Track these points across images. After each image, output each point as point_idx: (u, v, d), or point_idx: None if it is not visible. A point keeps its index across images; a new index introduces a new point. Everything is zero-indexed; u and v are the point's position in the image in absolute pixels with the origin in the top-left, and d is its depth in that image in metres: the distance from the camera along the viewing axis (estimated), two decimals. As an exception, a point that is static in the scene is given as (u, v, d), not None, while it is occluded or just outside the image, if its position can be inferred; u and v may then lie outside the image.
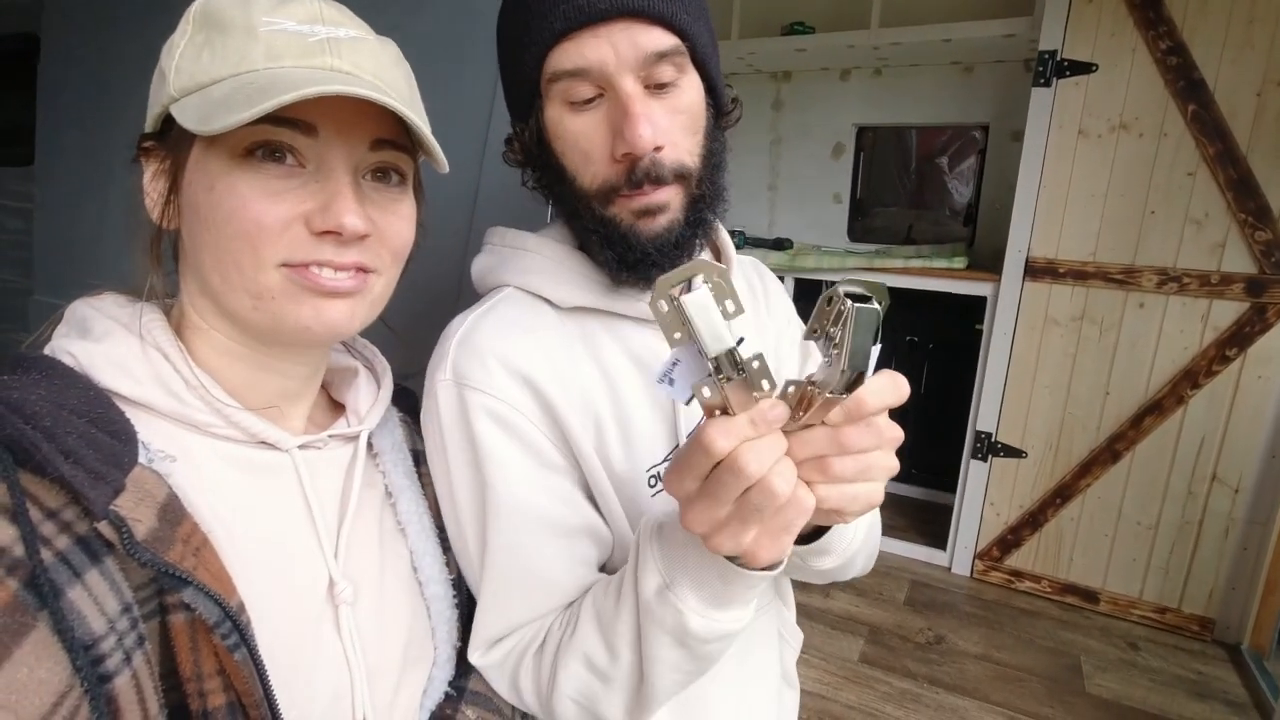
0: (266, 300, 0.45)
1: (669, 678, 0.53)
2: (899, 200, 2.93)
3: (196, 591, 0.38)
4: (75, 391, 0.40)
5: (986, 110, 2.58)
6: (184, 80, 0.44)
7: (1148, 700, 1.79)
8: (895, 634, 2.03)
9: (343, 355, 0.61)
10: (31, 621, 0.33)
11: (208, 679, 0.40)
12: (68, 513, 0.36)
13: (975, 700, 1.76)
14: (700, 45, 0.57)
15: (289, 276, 0.45)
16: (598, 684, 0.55)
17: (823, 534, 0.55)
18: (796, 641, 0.84)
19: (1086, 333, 2.10)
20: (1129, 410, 2.08)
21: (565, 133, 0.57)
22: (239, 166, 0.43)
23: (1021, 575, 2.28)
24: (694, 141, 0.58)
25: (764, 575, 0.47)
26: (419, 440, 0.64)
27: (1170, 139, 1.93)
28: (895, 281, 2.33)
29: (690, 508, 0.41)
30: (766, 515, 0.40)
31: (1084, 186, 2.05)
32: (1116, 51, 1.95)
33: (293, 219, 0.44)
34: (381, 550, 0.55)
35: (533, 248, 0.64)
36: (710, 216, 0.61)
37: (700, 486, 0.40)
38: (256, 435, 0.48)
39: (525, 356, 0.59)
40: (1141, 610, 2.13)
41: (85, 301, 0.48)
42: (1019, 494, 2.26)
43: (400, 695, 0.54)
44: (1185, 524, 2.05)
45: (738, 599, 0.49)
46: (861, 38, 2.41)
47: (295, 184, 0.44)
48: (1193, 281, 1.96)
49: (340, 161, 0.46)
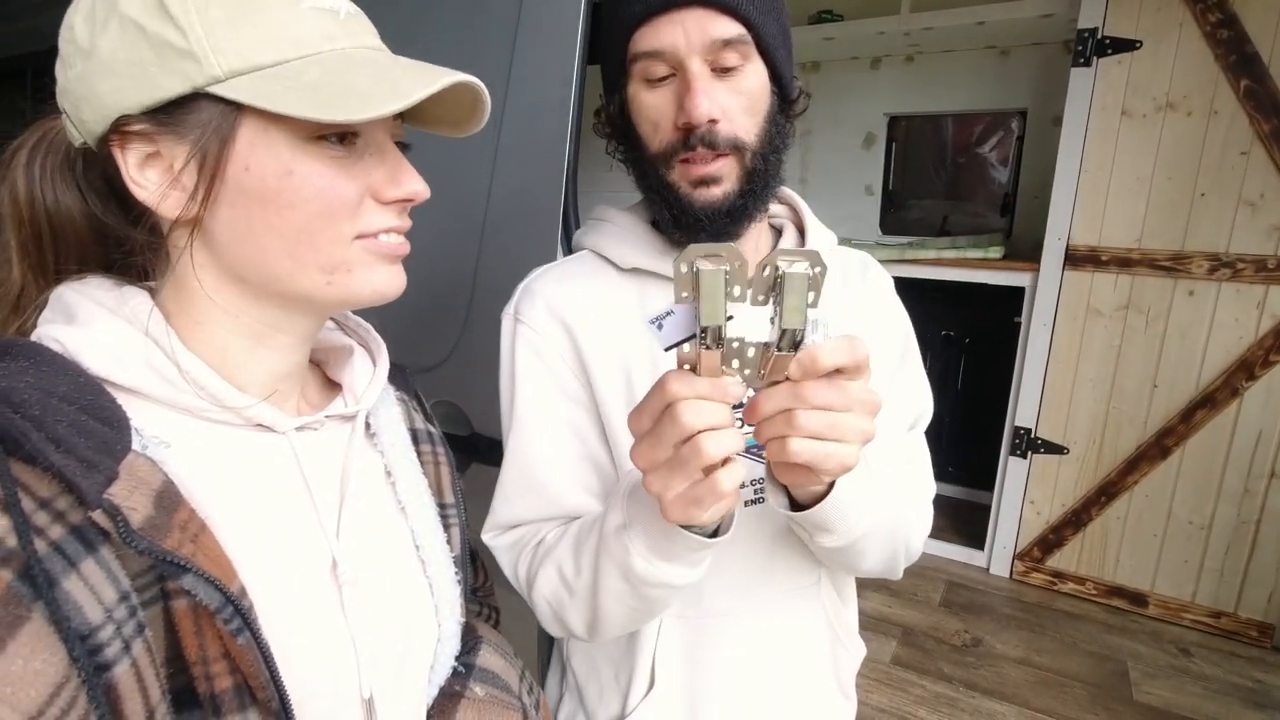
0: (342, 274, 0.47)
1: (616, 605, 0.61)
2: (933, 191, 2.85)
3: (196, 578, 0.38)
4: (65, 378, 0.40)
5: (1024, 95, 2.49)
6: (232, 61, 0.41)
7: (1201, 709, 1.69)
8: (930, 636, 1.97)
9: (337, 334, 0.60)
10: (26, 613, 0.32)
11: (213, 662, 0.40)
12: (61, 502, 0.36)
13: (1014, 706, 1.69)
14: (767, 35, 0.62)
15: (364, 247, 0.47)
16: (564, 592, 0.64)
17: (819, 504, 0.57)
18: (857, 650, 0.82)
19: (1132, 323, 2.01)
20: (1179, 404, 1.98)
21: (641, 106, 0.65)
22: (313, 147, 0.44)
23: (1064, 577, 2.19)
24: (753, 121, 0.64)
25: (701, 540, 0.53)
26: (416, 419, 0.64)
27: (1221, 117, 1.83)
28: (929, 274, 2.27)
29: (638, 444, 0.47)
30: (690, 472, 0.45)
31: (1128, 170, 1.96)
32: (1162, 26, 1.86)
33: (364, 193, 0.47)
34: (382, 530, 0.56)
35: (609, 218, 0.76)
36: (765, 193, 0.67)
37: (651, 427, 0.46)
38: (252, 418, 0.47)
39: (567, 301, 0.70)
40: (1194, 614, 2.03)
41: (69, 286, 0.47)
42: (1061, 492, 2.17)
43: (406, 672, 0.54)
44: (1241, 524, 1.95)
45: (679, 557, 0.56)
46: (892, 24, 2.35)
47: (354, 158, 0.46)
48: (1247, 267, 1.85)
49: (384, 134, 0.48)
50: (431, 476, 0.62)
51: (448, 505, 0.63)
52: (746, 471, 0.70)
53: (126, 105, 0.42)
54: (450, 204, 1.21)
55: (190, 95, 0.41)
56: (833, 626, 0.78)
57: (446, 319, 1.19)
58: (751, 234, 0.70)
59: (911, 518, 0.69)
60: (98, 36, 0.42)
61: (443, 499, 0.62)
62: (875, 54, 2.69)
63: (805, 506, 0.57)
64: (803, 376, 0.45)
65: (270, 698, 0.41)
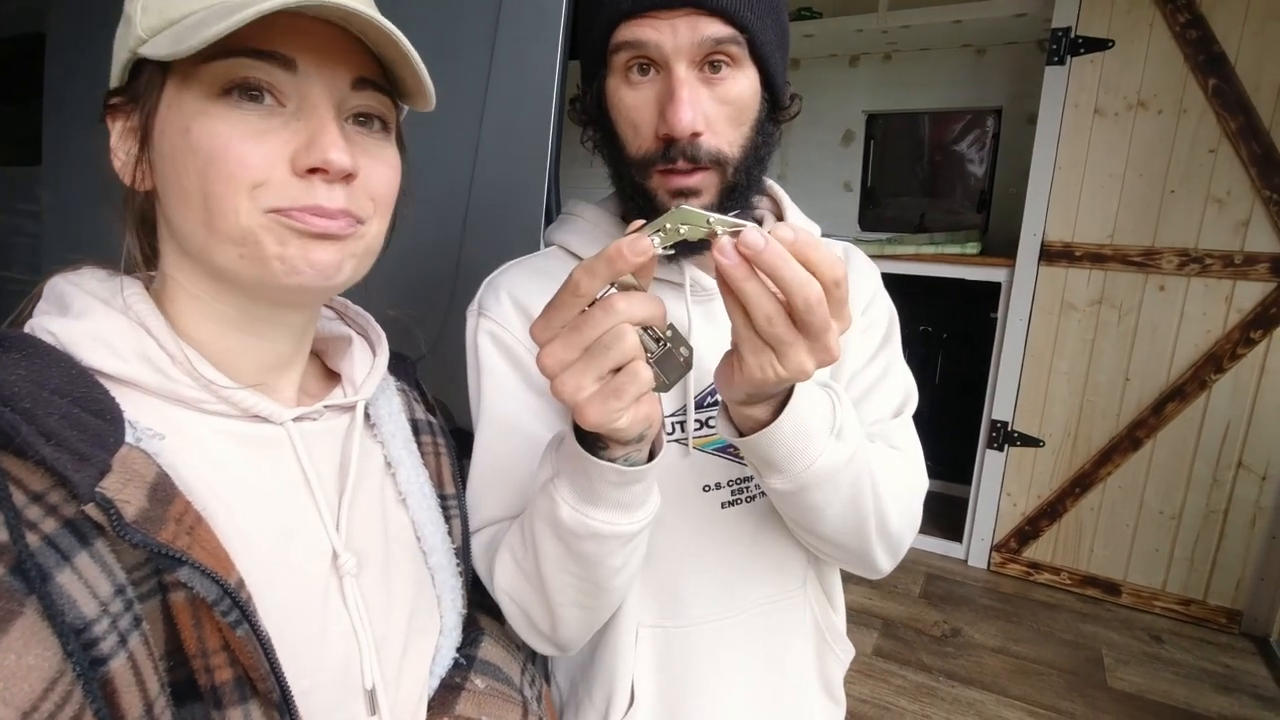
0: (252, 246, 0.43)
1: (558, 577, 0.57)
2: (910, 188, 2.88)
3: (192, 570, 0.38)
4: (57, 371, 0.39)
5: (1000, 93, 2.53)
6: (152, 19, 0.42)
7: (1172, 694, 1.73)
8: (910, 627, 1.99)
9: (336, 323, 0.59)
10: (18, 608, 0.32)
11: (213, 655, 0.39)
12: (54, 495, 0.36)
13: (993, 694, 1.72)
14: (761, 39, 0.59)
15: (277, 219, 0.43)
16: (519, 579, 0.60)
17: None
18: (845, 653, 0.80)
19: (1105, 317, 2.05)
20: (1150, 396, 2.02)
21: (620, 103, 0.61)
22: (216, 106, 0.41)
23: (1040, 567, 2.23)
24: (738, 133, 0.61)
25: (621, 470, 0.49)
26: (417, 409, 0.64)
27: (1190, 115, 1.88)
28: (907, 270, 2.29)
29: (548, 347, 0.43)
30: (605, 364, 0.42)
31: (1101, 167, 2.00)
32: (1133, 26, 1.90)
33: (277, 160, 0.42)
34: (384, 521, 0.55)
35: (579, 213, 0.73)
36: (744, 204, 0.64)
37: (564, 333, 0.43)
38: (248, 410, 0.47)
39: (532, 295, 0.68)
40: (1165, 602, 2.07)
41: (63, 277, 0.46)
42: (1037, 484, 2.21)
43: (408, 664, 0.54)
44: (1210, 513, 2.00)
45: (604, 497, 0.51)
46: (870, 21, 2.37)
47: (277, 123, 0.43)
48: (1215, 262, 1.90)
49: (322, 99, 0.44)
50: (432, 467, 0.61)
51: (448, 496, 0.62)
52: (723, 471, 0.69)
53: (111, 81, 0.45)
54: (432, 195, 1.20)
55: (137, 63, 0.43)
56: (820, 631, 0.76)
57: (428, 312, 1.18)
58: None
59: (887, 490, 0.62)
60: (121, 26, 0.45)
61: (443, 490, 0.62)
62: (853, 51, 2.72)
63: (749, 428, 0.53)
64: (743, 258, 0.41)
65: (271, 689, 0.40)
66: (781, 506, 0.63)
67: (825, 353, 0.43)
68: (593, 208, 0.73)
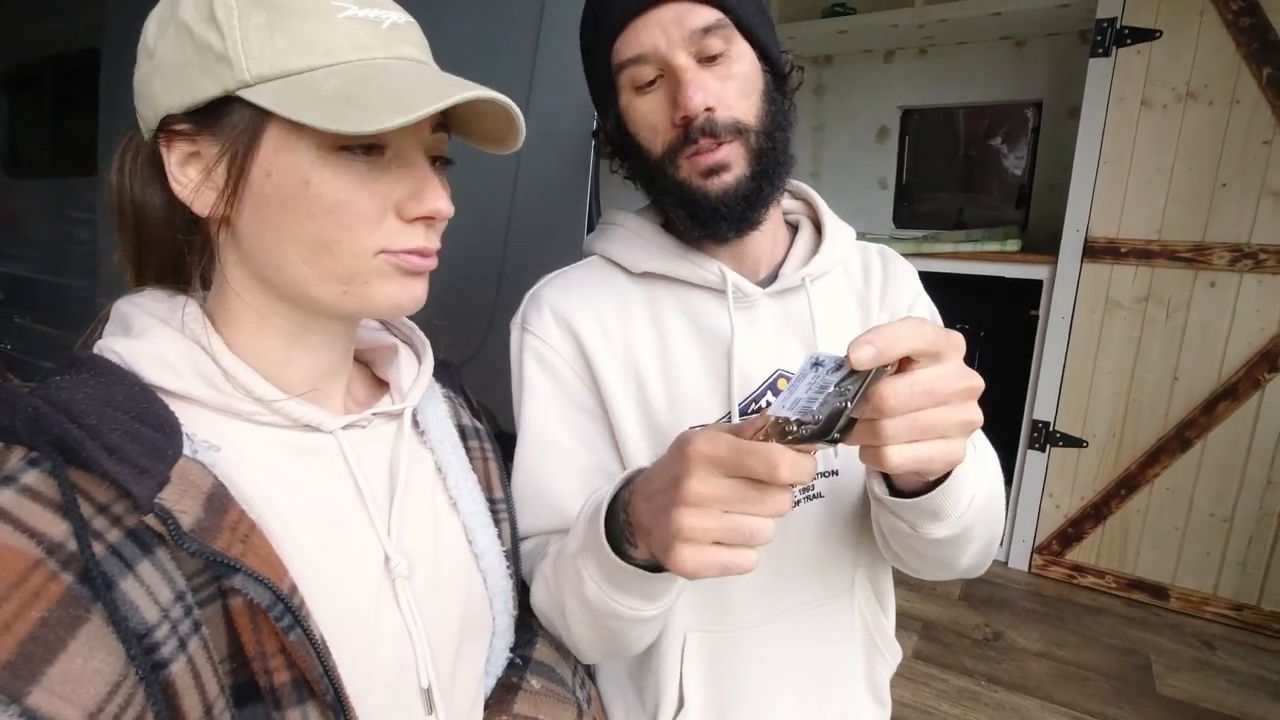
0: (359, 285, 0.47)
1: (580, 631, 0.59)
2: (947, 184, 2.83)
3: (246, 577, 0.39)
4: (121, 388, 0.41)
5: (1040, 86, 2.47)
6: (261, 66, 0.42)
7: (1225, 702, 1.68)
8: (950, 630, 1.96)
9: (381, 333, 0.61)
10: (85, 614, 0.34)
11: (271, 658, 0.41)
12: (118, 506, 0.37)
13: (1037, 699, 1.69)
14: (745, 16, 0.62)
15: (386, 260, 0.47)
16: (549, 607, 0.62)
17: (933, 489, 0.52)
18: (894, 656, 0.79)
19: (1152, 315, 2.00)
20: (1200, 396, 1.96)
21: (635, 114, 0.65)
22: (333, 158, 0.44)
23: (1084, 570, 2.19)
24: (749, 103, 0.63)
25: (639, 573, 0.51)
26: (464, 415, 0.65)
27: (1243, 106, 1.82)
28: (945, 267, 2.26)
29: (699, 513, 0.43)
30: (741, 540, 0.43)
31: (1148, 161, 1.94)
32: (1182, 15, 1.84)
33: (386, 207, 0.46)
34: (434, 525, 0.56)
35: (619, 221, 0.74)
36: (777, 173, 0.65)
37: (721, 510, 0.43)
38: (299, 420, 0.48)
39: (575, 309, 0.70)
40: (1216, 607, 2.02)
41: (127, 300, 0.49)
42: (1080, 485, 2.16)
43: (462, 665, 0.55)
44: (1264, 515, 1.93)
45: (628, 587, 0.53)
46: (905, 16, 2.33)
47: (378, 171, 0.46)
48: (1270, 258, 1.84)
49: (415, 147, 0.48)
50: (480, 472, 0.63)
51: (497, 500, 0.63)
52: None
53: (171, 105, 0.44)
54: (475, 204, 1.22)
55: (224, 98, 0.43)
56: (870, 634, 0.76)
57: (472, 318, 1.20)
58: (769, 226, 0.68)
59: (1001, 504, 0.62)
60: (160, 40, 0.44)
61: (492, 494, 0.63)
62: (888, 47, 2.68)
63: (905, 493, 0.53)
64: None
65: (325, 690, 0.42)
66: (927, 550, 0.60)
67: (974, 411, 0.45)
68: (633, 216, 0.74)
